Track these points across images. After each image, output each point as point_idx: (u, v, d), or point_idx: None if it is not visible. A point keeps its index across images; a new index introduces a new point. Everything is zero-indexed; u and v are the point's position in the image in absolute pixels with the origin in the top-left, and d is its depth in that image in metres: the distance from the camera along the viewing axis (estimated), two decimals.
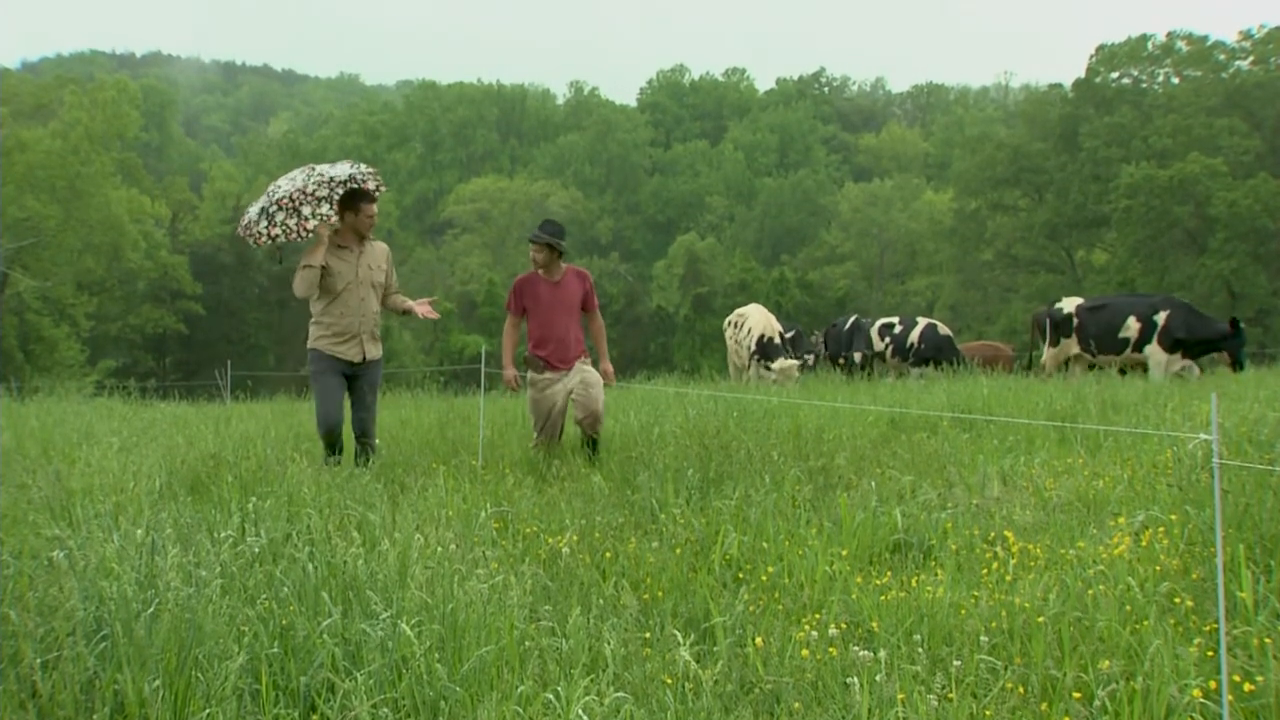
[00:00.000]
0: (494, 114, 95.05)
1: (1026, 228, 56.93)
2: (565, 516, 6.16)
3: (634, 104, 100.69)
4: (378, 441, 8.60)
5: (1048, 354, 18.16)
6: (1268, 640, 3.79)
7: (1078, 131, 55.57)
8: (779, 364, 17.87)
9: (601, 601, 4.64)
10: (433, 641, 3.92)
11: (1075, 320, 17.78)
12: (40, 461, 8.45)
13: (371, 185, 8.50)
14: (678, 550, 5.44)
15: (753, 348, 18.58)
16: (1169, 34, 57.06)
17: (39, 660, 3.71)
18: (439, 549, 4.93)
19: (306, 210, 8.45)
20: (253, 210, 8.46)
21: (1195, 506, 4.98)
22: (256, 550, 4.85)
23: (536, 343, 8.79)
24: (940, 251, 62.44)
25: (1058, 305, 18.44)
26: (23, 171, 41.89)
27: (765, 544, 5.48)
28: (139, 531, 4.81)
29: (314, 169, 8.48)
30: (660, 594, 4.84)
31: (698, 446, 7.98)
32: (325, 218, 8.35)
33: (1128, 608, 4.23)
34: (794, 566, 5.15)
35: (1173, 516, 5.09)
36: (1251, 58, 54.46)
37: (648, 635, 4.27)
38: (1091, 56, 58.13)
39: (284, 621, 4.06)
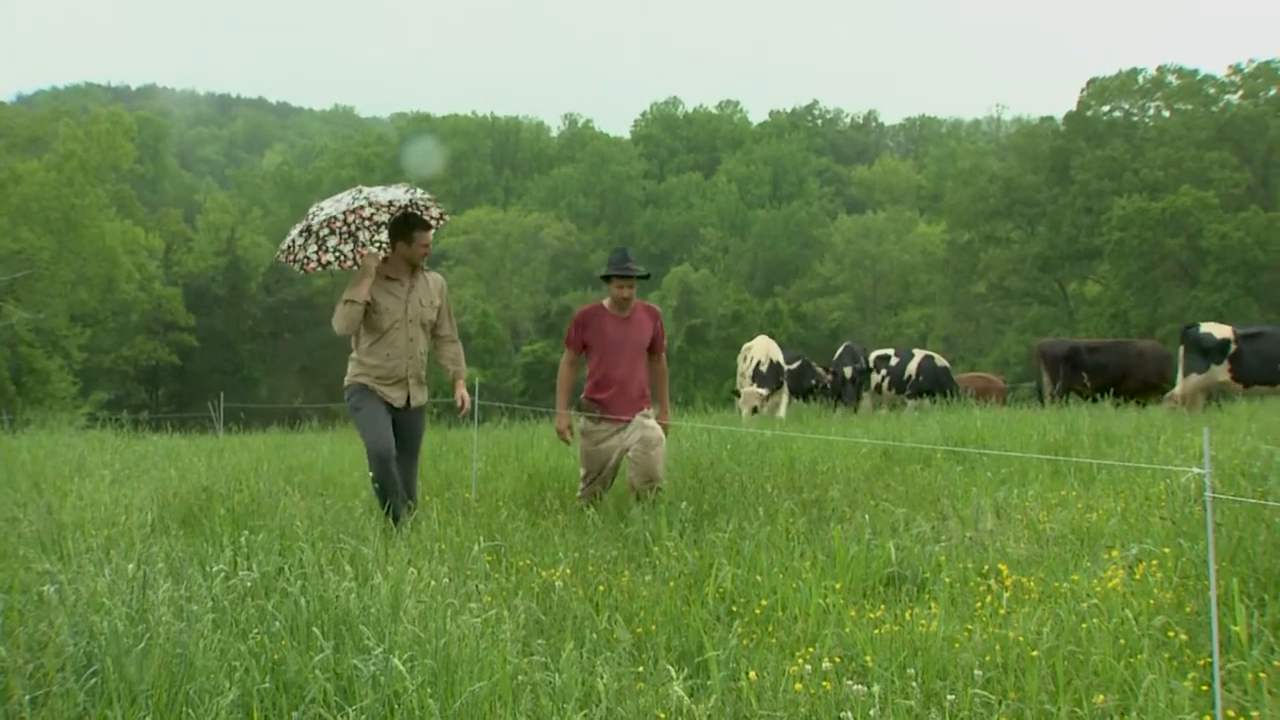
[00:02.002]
0: (488, 146, 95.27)
1: (1019, 260, 57.10)
2: (559, 550, 6.15)
3: (628, 136, 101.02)
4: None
5: (1190, 381, 16.81)
6: (1262, 675, 3.79)
7: (1069, 164, 55.81)
8: (744, 390, 18.00)
9: (595, 635, 4.62)
10: (425, 677, 3.90)
11: (1233, 346, 16.68)
12: (31, 495, 8.41)
13: (435, 213, 7.64)
14: (671, 583, 5.43)
15: (750, 375, 18.69)
16: (1159, 68, 57.38)
17: (28, 697, 3.68)
18: (432, 583, 4.92)
19: (364, 235, 7.71)
20: (294, 233, 7.56)
21: (1189, 539, 4.99)
22: (248, 584, 4.83)
23: (596, 384, 7.93)
24: (933, 283, 62.63)
25: (1204, 330, 17.07)
26: (17, 203, 41.91)
27: (759, 577, 5.47)
28: (130, 565, 4.79)
29: (361, 190, 7.57)
30: (654, 628, 4.82)
31: (691, 479, 7.97)
32: (384, 245, 7.54)
33: (1122, 641, 4.23)
34: (788, 599, 5.14)
35: (1166, 550, 5.10)
36: (1241, 91, 54.80)
37: (641, 669, 4.25)
38: (1083, 90, 58.42)
39: (276, 656, 4.05)
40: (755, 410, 17.83)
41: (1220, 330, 17.05)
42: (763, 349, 19.08)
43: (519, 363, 56.53)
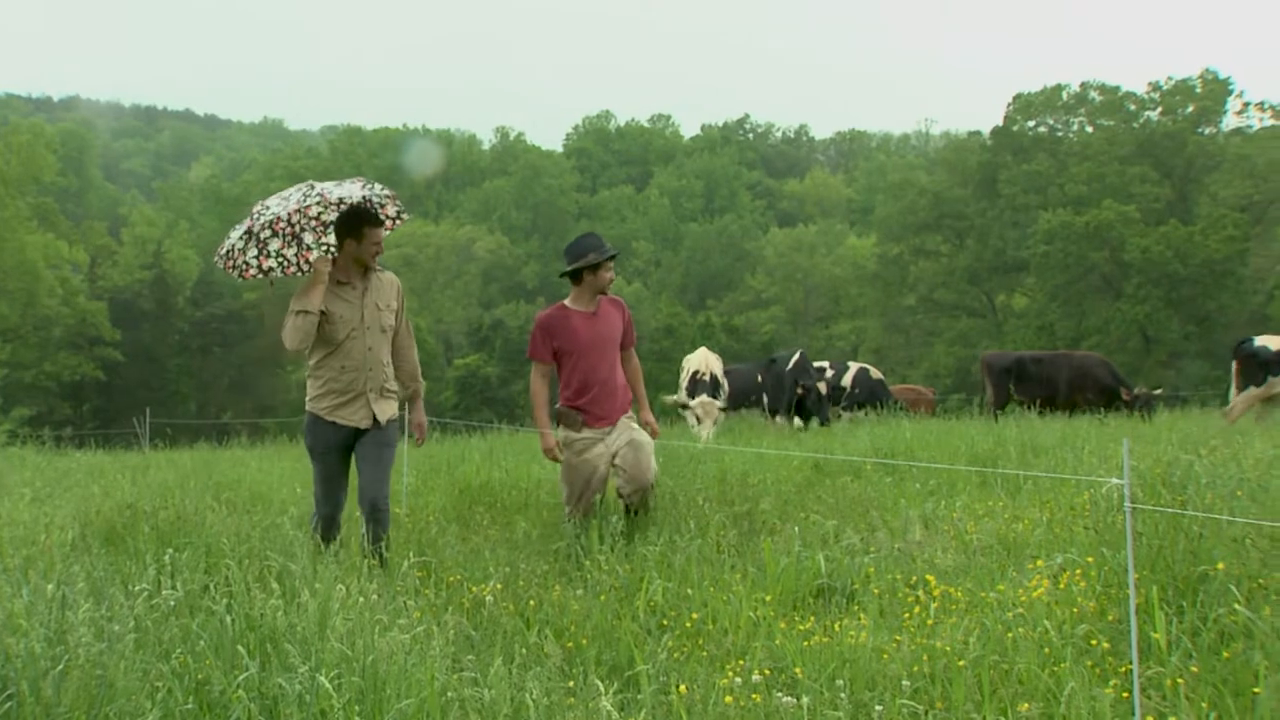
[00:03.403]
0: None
1: (948, 273, 57.86)
2: (489, 564, 6.12)
3: (560, 149, 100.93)
4: (394, 510, 7.19)
5: (1249, 393, 16.87)
6: (1180, 681, 3.86)
7: (996, 178, 56.69)
8: (697, 400, 17.40)
9: (524, 651, 4.60)
10: (352, 694, 3.86)
11: None
12: None
13: (392, 211, 7.02)
14: (602, 597, 5.43)
15: (685, 385, 18.21)
16: (1083, 84, 58.49)
17: None
18: (360, 599, 4.86)
19: (309, 238, 7.00)
20: (234, 235, 6.83)
21: (1111, 549, 5.06)
22: (172, 603, 4.74)
23: (576, 392, 7.22)
24: (864, 296, 63.16)
25: (1259, 343, 17.10)
26: None
27: (690, 590, 5.49)
28: (49, 586, 4.69)
29: (313, 186, 6.84)
30: (584, 642, 4.82)
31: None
32: (331, 249, 6.87)
33: (1046, 650, 4.28)
34: (718, 612, 5.16)
35: (1090, 559, 5.17)
36: (1160, 108, 56.01)
37: (571, 684, 4.24)
38: (1009, 105, 59.37)
39: (200, 676, 3.98)
40: (715, 421, 17.17)
41: (1276, 342, 17.09)
42: (701, 360, 18.59)
43: (451, 376, 56.21)
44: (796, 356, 20.26)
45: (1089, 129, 58.34)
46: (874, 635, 4.65)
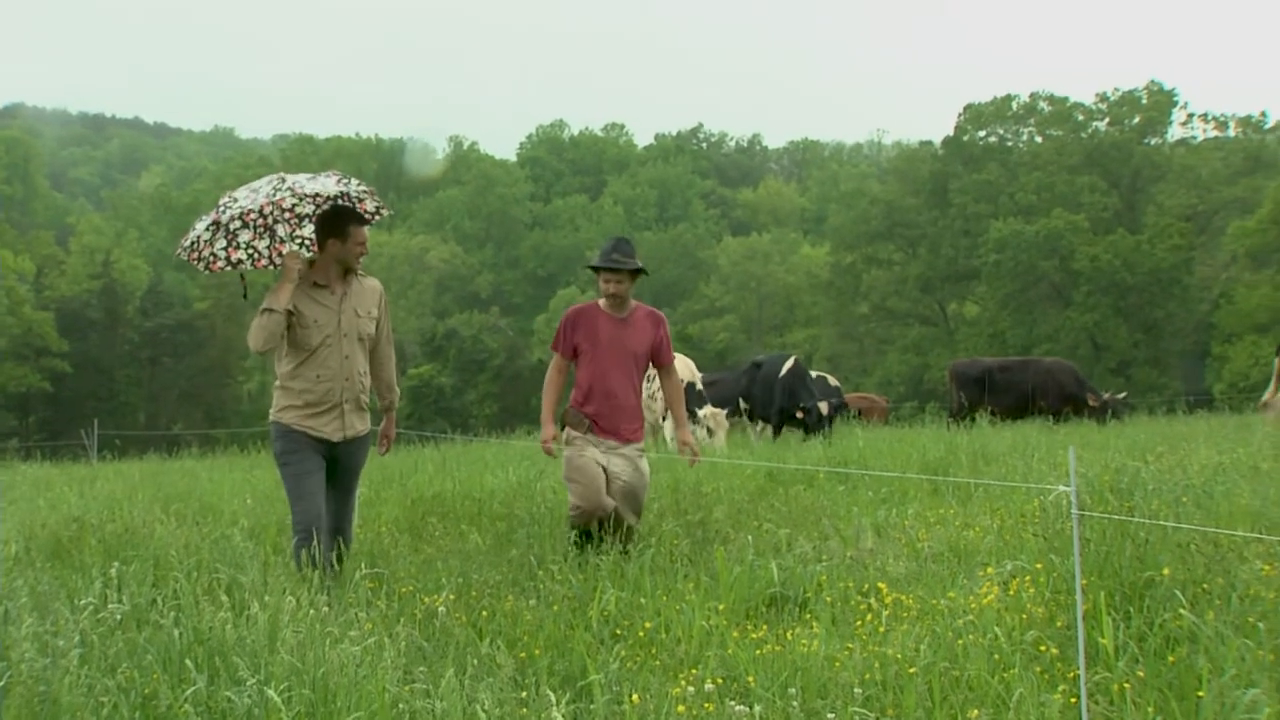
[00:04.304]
0: (373, 168, 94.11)
1: (900, 281, 58.29)
2: (442, 575, 6.09)
3: (514, 158, 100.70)
4: (356, 524, 6.81)
5: None
6: (1126, 685, 3.90)
7: (948, 187, 57.18)
8: (706, 410, 16.73)
9: (477, 661, 4.58)
10: (302, 707, 3.83)
11: None
12: None
13: (371, 206, 6.48)
14: (555, 607, 5.41)
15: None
16: (1032, 95, 59.10)
17: None
18: (311, 611, 4.82)
19: (282, 231, 6.59)
20: (199, 227, 6.38)
21: (1059, 555, 5.11)
22: (119, 617, 4.68)
23: (584, 395, 6.90)
24: (817, 304, 63.51)
25: None
26: None
27: (643, 599, 5.48)
28: None
29: (284, 179, 6.35)
30: (537, 652, 4.80)
31: None
32: (306, 242, 6.55)
33: (996, 656, 4.31)
34: (671, 622, 5.15)
35: (1039, 565, 5.22)
36: (1108, 118, 56.74)
37: (523, 695, 4.22)
38: (960, 115, 59.91)
39: (146, 691, 3.93)
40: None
41: None
42: (684, 369, 17.73)
43: (404, 386, 55.82)
44: (790, 363, 19.21)
45: (1038, 139, 58.99)
46: (826, 643, 4.67)
